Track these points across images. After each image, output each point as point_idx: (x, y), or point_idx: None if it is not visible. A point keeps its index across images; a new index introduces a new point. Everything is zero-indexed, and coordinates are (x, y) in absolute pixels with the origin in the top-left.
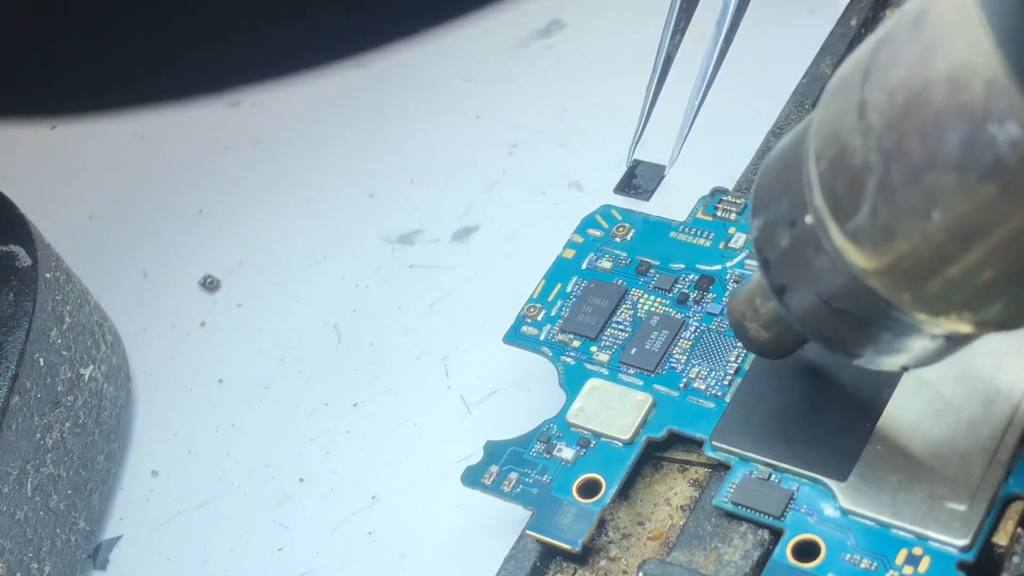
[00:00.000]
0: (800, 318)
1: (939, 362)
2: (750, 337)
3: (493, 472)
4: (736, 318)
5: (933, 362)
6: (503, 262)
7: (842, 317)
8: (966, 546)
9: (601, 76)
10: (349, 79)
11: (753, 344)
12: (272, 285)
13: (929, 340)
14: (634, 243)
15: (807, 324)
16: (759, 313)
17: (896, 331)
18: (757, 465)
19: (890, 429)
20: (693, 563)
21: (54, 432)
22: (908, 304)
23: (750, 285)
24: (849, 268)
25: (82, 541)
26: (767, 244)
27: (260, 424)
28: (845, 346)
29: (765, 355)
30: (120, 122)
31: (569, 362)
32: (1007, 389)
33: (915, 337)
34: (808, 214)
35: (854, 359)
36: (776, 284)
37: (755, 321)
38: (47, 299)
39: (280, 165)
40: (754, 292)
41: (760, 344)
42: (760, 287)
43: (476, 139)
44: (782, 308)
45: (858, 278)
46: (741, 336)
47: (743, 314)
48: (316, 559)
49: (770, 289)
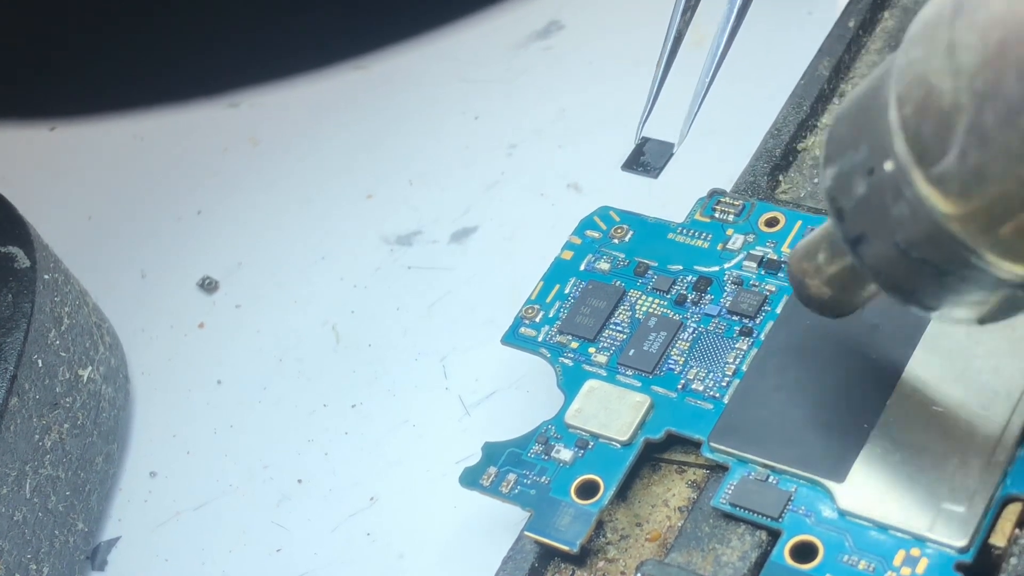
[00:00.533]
0: (875, 269)
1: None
2: (811, 295)
3: (491, 473)
4: (797, 276)
5: (1008, 316)
6: (502, 263)
7: (920, 267)
8: (964, 547)
9: (600, 77)
10: (348, 80)
11: (814, 303)
12: (271, 286)
13: (1008, 290)
14: (632, 244)
15: (882, 275)
16: (822, 269)
17: (975, 280)
18: (755, 466)
19: (888, 430)
20: (691, 564)
21: (52, 433)
22: (991, 250)
23: (812, 240)
24: (931, 214)
25: (81, 542)
26: (842, 193)
27: (259, 425)
28: (921, 298)
29: (826, 313)
30: (119, 123)
31: (567, 363)
32: (1005, 390)
33: (993, 287)
34: (888, 160)
35: (929, 312)
36: (851, 234)
37: (817, 278)
38: (45, 300)
39: (279, 166)
40: (817, 247)
41: (822, 302)
42: (824, 241)
43: (475, 140)
44: (856, 259)
45: (940, 224)
46: (802, 294)
47: (804, 271)
48: (315, 560)
49: (843, 240)
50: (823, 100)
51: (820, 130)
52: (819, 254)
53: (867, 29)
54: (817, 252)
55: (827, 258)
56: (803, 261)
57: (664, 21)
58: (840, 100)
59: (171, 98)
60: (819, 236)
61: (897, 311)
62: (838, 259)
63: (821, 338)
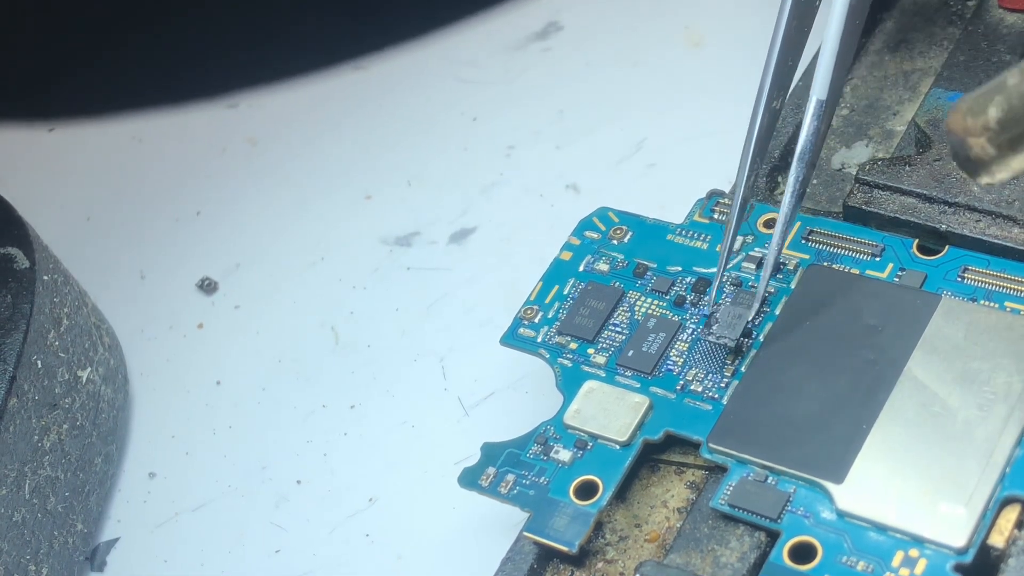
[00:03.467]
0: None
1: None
2: (971, 156)
3: (490, 474)
4: (958, 135)
5: None
6: (500, 264)
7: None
8: (962, 548)
9: (598, 78)
10: (346, 81)
11: (971, 164)
12: (269, 287)
13: None
14: (631, 245)
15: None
16: (990, 126)
17: None
18: (754, 467)
19: (886, 431)
20: (690, 565)
21: (52, 434)
22: None
23: (981, 94)
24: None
25: (80, 543)
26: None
27: (257, 426)
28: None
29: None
30: (118, 124)
31: (566, 364)
32: (1003, 391)
33: None
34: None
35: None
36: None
37: (984, 136)
38: (45, 301)
39: (278, 167)
40: (987, 102)
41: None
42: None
43: (473, 141)
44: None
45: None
46: (960, 154)
47: (968, 129)
48: (313, 561)
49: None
50: None
51: None
52: (990, 109)
53: (866, 30)
54: (987, 107)
55: (1002, 113)
56: (967, 117)
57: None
58: (839, 101)
59: (170, 99)
60: (991, 89)
61: (897, 312)
62: (1016, 114)
63: (820, 339)
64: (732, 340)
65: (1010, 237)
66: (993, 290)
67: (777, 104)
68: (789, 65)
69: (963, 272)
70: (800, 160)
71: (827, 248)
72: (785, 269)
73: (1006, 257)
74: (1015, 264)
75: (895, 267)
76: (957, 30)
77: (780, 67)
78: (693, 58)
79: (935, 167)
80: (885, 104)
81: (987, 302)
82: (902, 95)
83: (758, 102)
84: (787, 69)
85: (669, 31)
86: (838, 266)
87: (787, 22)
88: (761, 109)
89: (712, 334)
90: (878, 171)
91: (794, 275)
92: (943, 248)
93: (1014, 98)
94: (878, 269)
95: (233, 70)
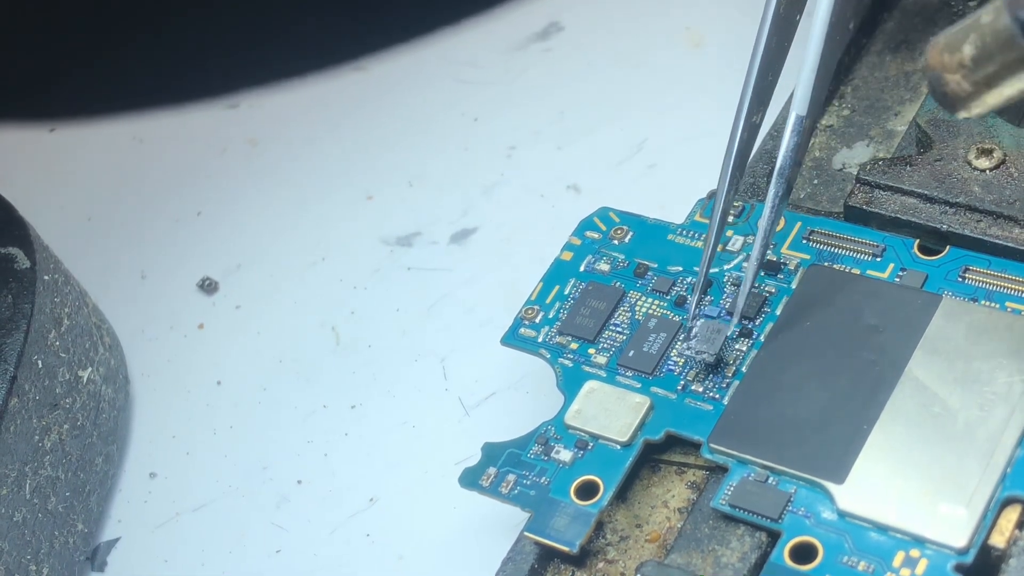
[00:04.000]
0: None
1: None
2: (947, 91)
3: (491, 474)
4: (936, 70)
5: None
6: (501, 264)
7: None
8: (963, 548)
9: (599, 79)
10: (347, 81)
11: (948, 99)
12: (270, 287)
13: None
14: (632, 245)
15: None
16: (966, 62)
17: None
18: (755, 467)
19: (887, 431)
20: (691, 565)
21: (52, 434)
22: None
23: (957, 31)
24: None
25: (80, 543)
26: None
27: (258, 426)
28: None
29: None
30: (118, 124)
31: (567, 364)
32: (1004, 391)
33: None
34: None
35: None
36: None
37: (959, 72)
38: (45, 301)
39: (278, 167)
40: (963, 39)
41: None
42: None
43: (474, 141)
44: None
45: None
46: (937, 89)
47: (945, 65)
48: (314, 561)
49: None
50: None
51: (819, 131)
52: (965, 46)
53: (866, 31)
54: (963, 44)
55: (975, 50)
56: (944, 53)
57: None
58: (840, 101)
59: (170, 99)
60: (967, 26)
61: (897, 312)
62: (989, 51)
63: (821, 339)
64: (711, 355)
65: (1011, 237)
66: (994, 290)
67: (757, 119)
68: (769, 80)
69: (964, 272)
70: (780, 175)
71: (828, 248)
72: (786, 269)
73: (1007, 257)
74: (1016, 264)
75: (896, 267)
76: None
77: (760, 82)
78: (694, 59)
79: (936, 167)
80: (886, 104)
81: (988, 302)
82: (903, 95)
83: (738, 116)
84: (767, 84)
85: (670, 31)
86: (839, 266)
87: (767, 37)
88: (741, 123)
89: (690, 348)
90: (879, 171)
91: (795, 275)
92: (944, 248)
93: (987, 36)
94: (879, 269)
95: (234, 70)
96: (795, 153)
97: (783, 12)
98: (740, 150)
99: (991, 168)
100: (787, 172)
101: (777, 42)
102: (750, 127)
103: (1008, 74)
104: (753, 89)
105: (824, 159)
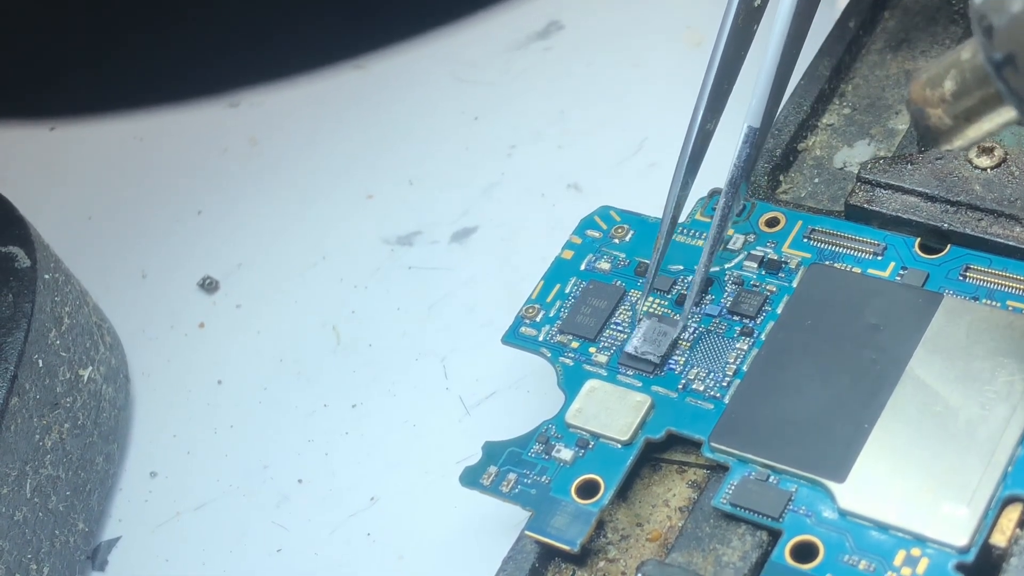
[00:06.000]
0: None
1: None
2: (930, 125)
3: (492, 473)
4: (918, 104)
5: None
6: (502, 263)
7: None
8: (964, 547)
9: (599, 78)
10: (348, 80)
11: (930, 133)
12: (271, 286)
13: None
14: (633, 244)
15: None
16: (947, 98)
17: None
18: (755, 466)
19: (888, 430)
20: (692, 564)
21: (53, 433)
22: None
23: (939, 66)
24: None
25: (81, 542)
26: (994, 9)
27: (259, 425)
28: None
29: (935, 145)
30: (119, 123)
31: (568, 363)
32: (1005, 390)
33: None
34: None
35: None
36: (998, 55)
37: (940, 107)
38: (46, 300)
39: (279, 166)
40: (944, 74)
41: (938, 133)
42: (954, 68)
43: (475, 141)
44: (1000, 84)
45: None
46: (919, 124)
47: (927, 99)
48: (315, 560)
49: (988, 61)
50: (823, 100)
51: (820, 130)
52: (946, 81)
53: (867, 29)
54: (944, 79)
55: (956, 86)
56: (926, 88)
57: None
58: (841, 100)
59: (171, 98)
60: (948, 63)
61: (898, 311)
62: (968, 87)
63: (822, 338)
64: (656, 356)
65: (1012, 236)
66: (995, 289)
67: (711, 126)
68: (724, 88)
69: (965, 271)
70: (731, 186)
71: (829, 247)
72: (787, 268)
73: (1008, 256)
74: (1017, 263)
75: (897, 266)
76: (959, 29)
77: (716, 90)
78: (694, 58)
79: (937, 166)
80: (887, 103)
81: (989, 301)
82: (904, 94)
83: (692, 122)
84: (722, 92)
85: (670, 31)
86: (840, 265)
87: (724, 47)
88: (695, 130)
89: (634, 348)
90: (880, 170)
91: (796, 274)
92: (945, 247)
93: (967, 71)
94: (880, 268)
95: (234, 69)
96: (747, 164)
97: (741, 23)
98: (693, 156)
99: (992, 167)
100: (738, 182)
101: (734, 51)
102: (703, 133)
103: (987, 109)
104: (708, 96)
105: (825, 158)
